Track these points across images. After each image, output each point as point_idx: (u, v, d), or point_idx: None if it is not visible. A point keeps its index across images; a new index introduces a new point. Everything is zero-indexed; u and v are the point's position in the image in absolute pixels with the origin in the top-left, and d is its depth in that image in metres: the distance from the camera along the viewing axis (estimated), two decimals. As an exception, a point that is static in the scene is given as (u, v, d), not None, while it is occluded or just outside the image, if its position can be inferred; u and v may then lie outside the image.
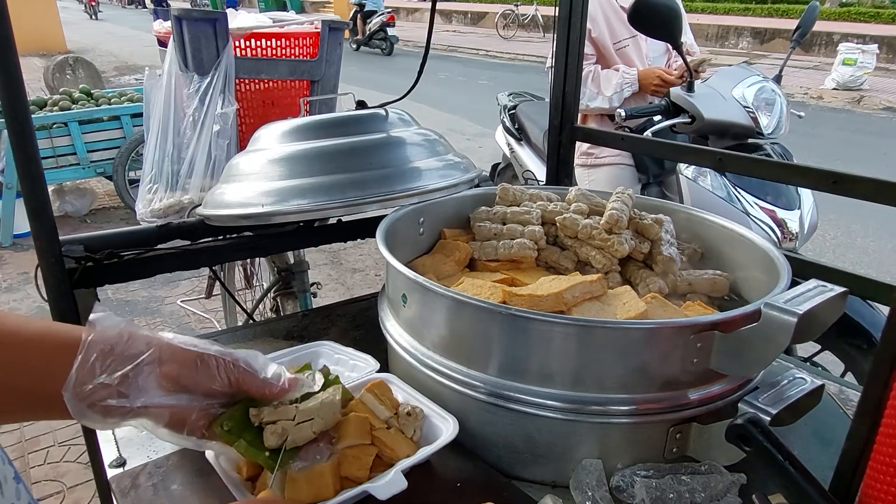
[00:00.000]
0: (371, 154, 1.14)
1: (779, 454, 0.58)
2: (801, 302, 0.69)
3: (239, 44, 1.84)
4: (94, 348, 0.58)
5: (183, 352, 0.62)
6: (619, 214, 1.03)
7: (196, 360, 0.62)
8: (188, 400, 0.62)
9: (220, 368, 0.63)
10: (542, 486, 0.81)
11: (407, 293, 0.88)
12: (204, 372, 0.62)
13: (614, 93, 2.41)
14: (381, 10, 15.20)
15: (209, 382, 0.62)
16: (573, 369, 0.77)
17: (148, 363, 0.60)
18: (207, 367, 0.62)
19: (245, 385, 0.64)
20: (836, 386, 1.05)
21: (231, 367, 0.63)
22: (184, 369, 0.61)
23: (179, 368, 0.61)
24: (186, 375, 0.61)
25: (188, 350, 0.62)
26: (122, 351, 0.59)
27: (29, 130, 0.88)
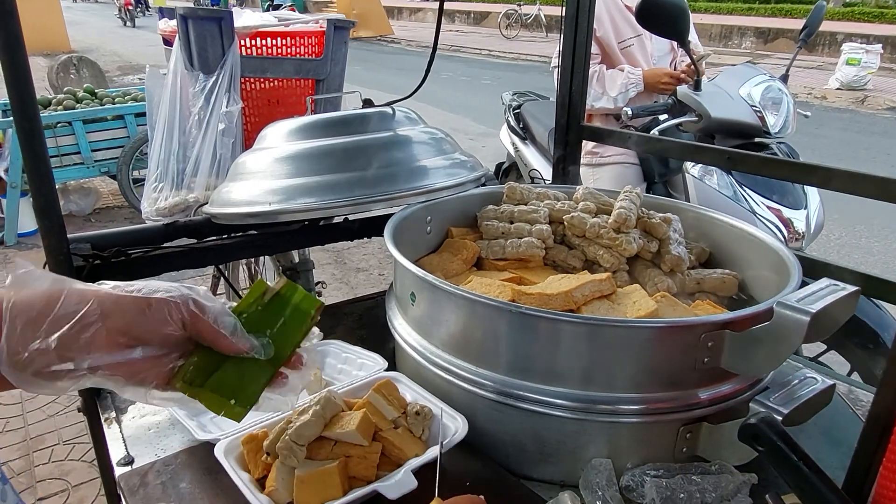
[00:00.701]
0: (378, 152, 1.14)
1: (793, 454, 0.57)
2: (814, 301, 0.69)
3: (244, 42, 1.84)
4: (22, 312, 0.52)
5: (127, 300, 0.55)
6: (627, 213, 1.03)
7: (143, 306, 0.55)
8: (142, 352, 0.56)
9: (172, 312, 0.56)
10: (551, 486, 0.81)
11: (416, 291, 0.88)
12: (153, 318, 0.55)
13: (619, 93, 2.40)
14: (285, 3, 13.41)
15: (161, 328, 0.56)
16: (583, 368, 0.76)
17: (87, 319, 0.53)
18: (156, 312, 0.55)
19: (198, 328, 0.57)
20: (845, 386, 1.04)
21: (182, 308, 0.56)
22: (130, 318, 0.54)
23: (125, 318, 0.54)
24: (135, 325, 0.55)
25: (132, 297, 0.55)
26: (55, 311, 0.52)
27: (38, 129, 0.88)
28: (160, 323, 0.56)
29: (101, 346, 0.53)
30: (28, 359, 0.51)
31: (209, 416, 0.91)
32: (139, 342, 0.56)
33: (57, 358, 0.52)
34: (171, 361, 0.58)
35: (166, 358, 0.58)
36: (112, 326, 0.54)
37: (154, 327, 0.56)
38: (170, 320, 0.56)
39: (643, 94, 2.47)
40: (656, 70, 2.42)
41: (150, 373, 0.57)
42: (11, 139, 4.23)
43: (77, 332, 0.52)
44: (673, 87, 2.33)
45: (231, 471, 0.73)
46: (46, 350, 0.51)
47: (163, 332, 0.56)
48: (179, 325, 0.56)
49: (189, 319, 0.57)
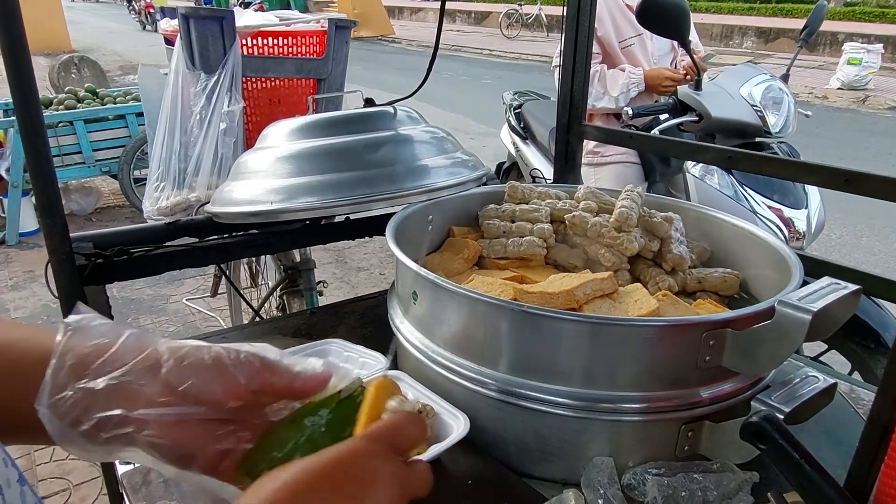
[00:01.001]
0: (379, 152, 1.14)
1: (795, 452, 0.57)
2: (815, 300, 0.69)
3: (246, 42, 1.84)
4: (72, 350, 0.46)
5: (188, 352, 0.48)
6: (628, 212, 1.03)
7: (204, 355, 0.48)
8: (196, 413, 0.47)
9: (239, 367, 0.48)
10: (552, 484, 0.81)
11: (417, 290, 0.88)
12: (216, 372, 0.48)
13: (620, 93, 2.40)
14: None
15: (224, 387, 0.48)
16: (585, 367, 0.76)
17: (142, 366, 0.47)
18: (220, 365, 0.48)
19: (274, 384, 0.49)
20: (846, 385, 1.04)
21: (251, 362, 0.49)
22: (190, 373, 0.47)
23: (184, 372, 0.47)
24: (194, 380, 0.47)
25: (194, 346, 0.49)
26: (110, 353, 0.47)
27: (41, 129, 0.89)
28: (223, 380, 0.48)
29: (153, 399, 0.47)
30: (70, 398, 0.45)
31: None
32: (196, 402, 0.48)
33: (103, 403, 0.45)
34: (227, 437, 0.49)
35: (222, 431, 0.49)
36: (168, 381, 0.47)
37: (214, 386, 0.48)
38: (235, 376, 0.48)
39: (644, 93, 2.48)
40: (657, 71, 2.42)
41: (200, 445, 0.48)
42: (13, 139, 4.24)
43: (131, 378, 0.46)
44: (672, 89, 2.33)
45: (233, 469, 0.73)
46: (92, 392, 0.45)
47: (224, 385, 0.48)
48: (244, 381, 0.48)
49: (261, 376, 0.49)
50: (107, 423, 0.45)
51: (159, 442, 0.46)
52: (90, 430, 0.45)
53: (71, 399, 0.45)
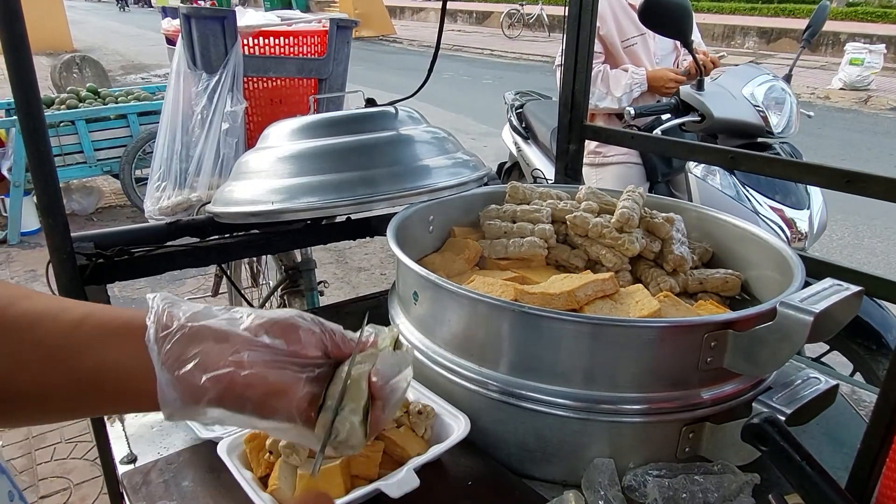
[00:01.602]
0: (381, 152, 1.14)
1: (796, 454, 0.57)
2: (817, 301, 0.69)
3: (247, 42, 1.84)
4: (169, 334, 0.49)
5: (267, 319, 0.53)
6: (630, 213, 1.03)
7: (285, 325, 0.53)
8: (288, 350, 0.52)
9: (311, 332, 0.53)
10: (553, 485, 0.81)
11: (418, 291, 0.88)
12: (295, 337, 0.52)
13: (624, 93, 2.40)
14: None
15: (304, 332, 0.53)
16: (585, 368, 0.76)
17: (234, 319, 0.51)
18: (298, 330, 0.53)
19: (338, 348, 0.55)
20: (848, 386, 1.04)
21: (321, 328, 0.55)
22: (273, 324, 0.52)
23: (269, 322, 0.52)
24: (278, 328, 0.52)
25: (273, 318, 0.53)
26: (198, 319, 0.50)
27: (42, 128, 0.89)
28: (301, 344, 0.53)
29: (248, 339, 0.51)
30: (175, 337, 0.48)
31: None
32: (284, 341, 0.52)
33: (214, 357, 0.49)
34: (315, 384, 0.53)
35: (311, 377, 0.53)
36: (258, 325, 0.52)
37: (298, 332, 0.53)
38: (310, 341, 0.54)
39: (646, 93, 2.47)
40: (660, 72, 2.41)
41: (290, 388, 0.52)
42: (15, 138, 4.24)
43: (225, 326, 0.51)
44: (676, 89, 2.33)
45: (234, 469, 0.73)
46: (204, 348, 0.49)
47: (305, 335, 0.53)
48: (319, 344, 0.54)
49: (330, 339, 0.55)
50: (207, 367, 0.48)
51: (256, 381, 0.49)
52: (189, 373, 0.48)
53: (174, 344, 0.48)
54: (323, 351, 0.55)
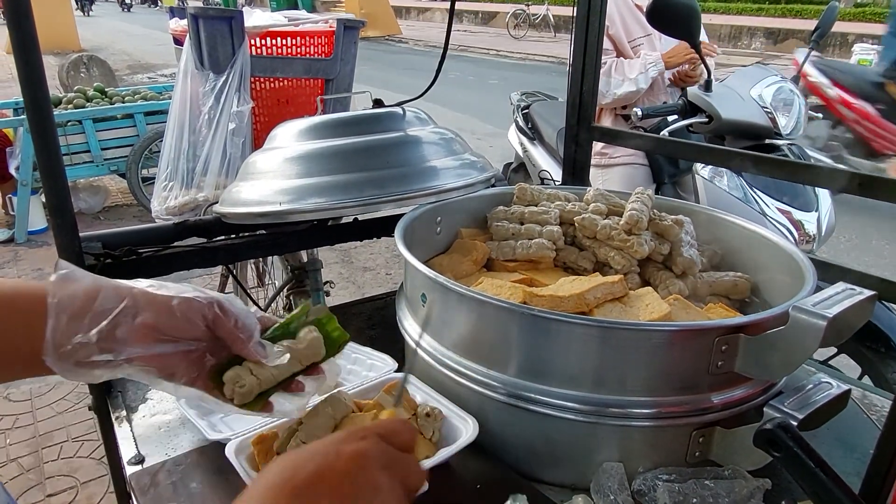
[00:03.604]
0: (388, 153, 1.14)
1: (810, 460, 0.57)
2: (831, 305, 0.68)
3: (254, 42, 1.85)
4: (65, 308, 0.57)
5: (158, 299, 0.60)
6: (639, 215, 1.02)
7: (171, 305, 0.60)
8: (172, 347, 0.61)
9: (198, 312, 0.61)
10: (561, 489, 0.80)
11: (427, 293, 0.88)
12: (182, 316, 0.60)
13: (640, 73, 2.36)
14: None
15: (188, 326, 0.61)
16: (595, 371, 0.76)
17: (124, 315, 0.58)
18: (184, 311, 0.61)
19: (219, 329, 0.62)
20: (859, 391, 1.03)
21: (207, 309, 0.62)
22: (161, 317, 0.60)
23: (156, 317, 0.59)
24: (164, 323, 0.60)
25: (163, 296, 0.61)
26: (95, 307, 0.58)
27: (51, 128, 0.89)
28: (187, 321, 0.61)
29: (136, 339, 0.59)
30: (71, 350, 0.56)
31: (219, 416, 0.91)
32: (169, 338, 0.61)
33: (97, 350, 0.57)
34: (200, 359, 0.63)
35: (195, 355, 0.63)
36: (145, 322, 0.59)
37: (182, 325, 0.61)
38: (196, 320, 0.61)
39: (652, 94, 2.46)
40: (674, 48, 2.39)
41: (179, 368, 0.62)
42: (22, 137, 4.26)
43: (114, 326, 0.58)
44: (694, 61, 2.30)
45: (242, 471, 0.72)
46: (88, 343, 0.56)
47: (190, 330, 0.61)
48: (202, 322, 0.62)
49: (213, 321, 0.62)
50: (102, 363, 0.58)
51: (146, 367, 0.61)
52: (89, 365, 0.58)
53: (71, 350, 0.57)
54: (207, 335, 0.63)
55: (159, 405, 0.97)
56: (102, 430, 1.05)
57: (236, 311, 0.64)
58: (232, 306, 0.64)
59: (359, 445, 0.46)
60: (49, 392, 2.83)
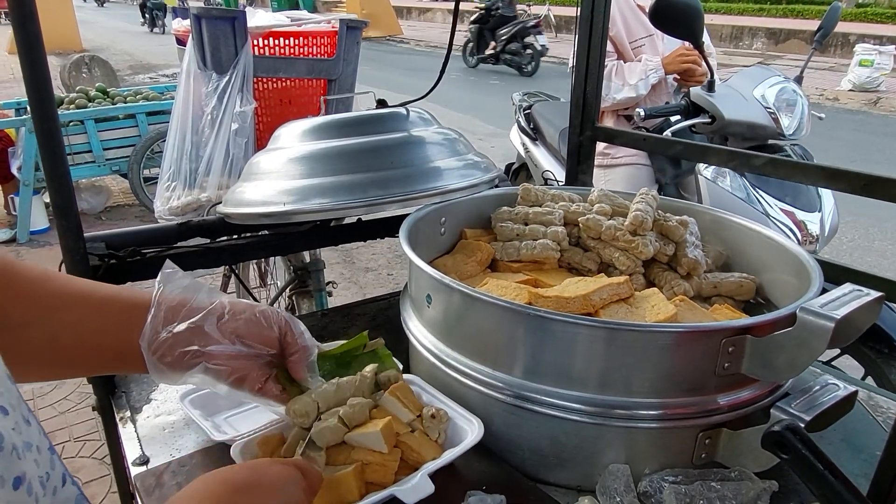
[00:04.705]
0: (392, 153, 1.13)
1: (819, 462, 0.56)
2: (838, 307, 0.68)
3: (257, 42, 1.84)
4: (165, 303, 0.65)
5: (241, 305, 0.70)
6: (643, 216, 1.02)
7: (253, 311, 0.70)
8: (248, 351, 0.69)
9: (272, 318, 0.71)
10: (567, 490, 0.80)
11: (432, 293, 0.87)
12: (259, 321, 0.70)
13: (640, 79, 2.36)
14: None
15: (266, 334, 0.70)
16: (601, 372, 0.75)
17: (214, 315, 0.67)
18: (262, 316, 0.70)
19: (286, 337, 0.72)
20: (865, 392, 1.03)
21: (279, 317, 0.72)
22: (242, 322, 0.68)
23: (238, 322, 0.68)
24: (245, 328, 0.69)
25: (246, 303, 0.70)
26: (190, 304, 0.66)
27: (56, 129, 0.89)
28: (267, 328, 0.70)
29: (218, 338, 0.67)
30: (164, 340, 0.64)
31: (223, 417, 0.91)
32: (248, 340, 0.69)
33: (184, 341, 0.65)
34: (267, 368, 0.72)
35: (264, 361, 0.72)
36: (227, 325, 0.68)
37: (261, 331, 0.70)
38: (271, 324, 0.71)
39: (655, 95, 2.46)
40: (672, 53, 2.38)
41: (251, 372, 0.71)
42: (24, 138, 4.26)
43: (202, 321, 0.66)
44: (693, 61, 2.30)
45: (247, 472, 0.72)
46: (178, 334, 0.65)
47: (266, 338, 0.70)
48: (277, 329, 0.71)
49: (283, 329, 0.72)
50: (185, 354, 0.65)
51: (221, 368, 0.68)
52: (173, 361, 0.65)
53: (162, 339, 0.64)
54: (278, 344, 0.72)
55: (163, 406, 0.97)
56: (106, 430, 1.05)
57: (302, 326, 0.73)
58: (297, 323, 0.73)
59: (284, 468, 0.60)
60: (51, 392, 2.83)
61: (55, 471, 0.52)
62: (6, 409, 0.45)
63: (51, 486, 0.53)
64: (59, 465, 0.53)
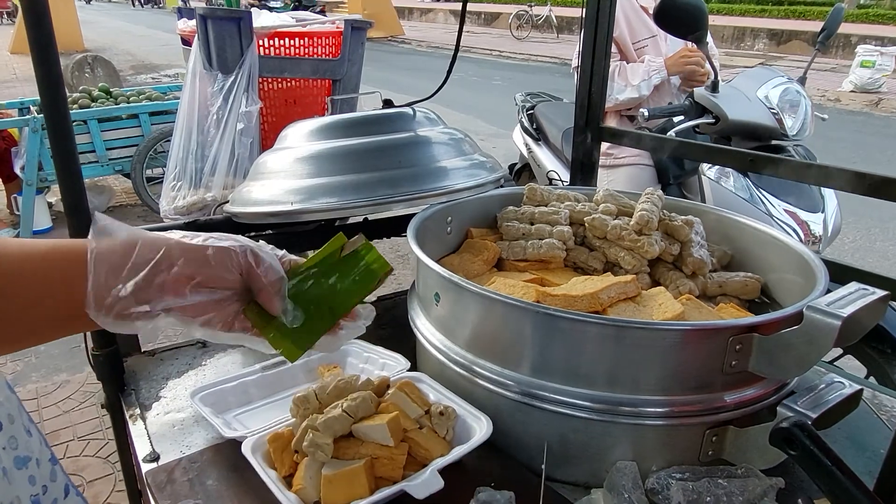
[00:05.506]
0: (399, 153, 1.14)
1: (826, 459, 0.57)
2: (844, 305, 0.69)
3: (263, 43, 1.86)
4: (104, 261, 0.57)
5: (192, 248, 0.61)
6: (649, 216, 1.03)
7: (206, 253, 0.61)
8: (207, 296, 0.61)
9: (231, 259, 0.62)
10: (575, 487, 0.81)
11: (440, 292, 0.88)
12: (216, 264, 0.61)
13: (642, 80, 2.37)
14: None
15: (223, 273, 0.62)
16: (609, 370, 0.76)
17: (161, 267, 0.59)
18: (218, 258, 0.61)
19: (251, 277, 0.63)
20: (869, 391, 1.03)
21: (240, 256, 0.63)
22: (196, 265, 0.60)
23: (191, 265, 0.60)
24: (200, 270, 0.60)
25: (197, 245, 0.61)
26: (133, 258, 0.58)
27: (68, 128, 0.90)
28: (222, 269, 0.61)
29: (172, 289, 0.59)
30: (111, 303, 0.57)
31: (233, 415, 0.92)
32: (205, 286, 0.61)
33: (135, 302, 0.58)
34: (235, 305, 0.64)
35: (229, 301, 0.63)
36: (180, 272, 0.59)
37: (217, 272, 0.61)
38: (230, 266, 0.62)
39: (657, 96, 2.46)
40: (675, 53, 2.39)
41: (216, 314, 0.63)
42: (28, 137, 4.27)
43: (151, 277, 0.58)
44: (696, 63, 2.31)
45: (259, 468, 0.73)
46: (126, 296, 0.57)
47: (224, 277, 0.62)
48: (237, 271, 0.62)
49: (247, 270, 0.63)
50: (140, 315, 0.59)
51: (183, 317, 0.61)
52: (129, 316, 0.58)
53: (110, 302, 0.57)
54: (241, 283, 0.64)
55: (173, 403, 0.98)
56: (115, 428, 1.06)
57: (268, 260, 0.64)
58: (264, 253, 0.64)
59: None
60: (55, 391, 2.84)
61: (56, 482, 0.50)
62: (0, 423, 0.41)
63: (49, 499, 0.52)
64: (60, 476, 0.51)
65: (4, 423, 0.42)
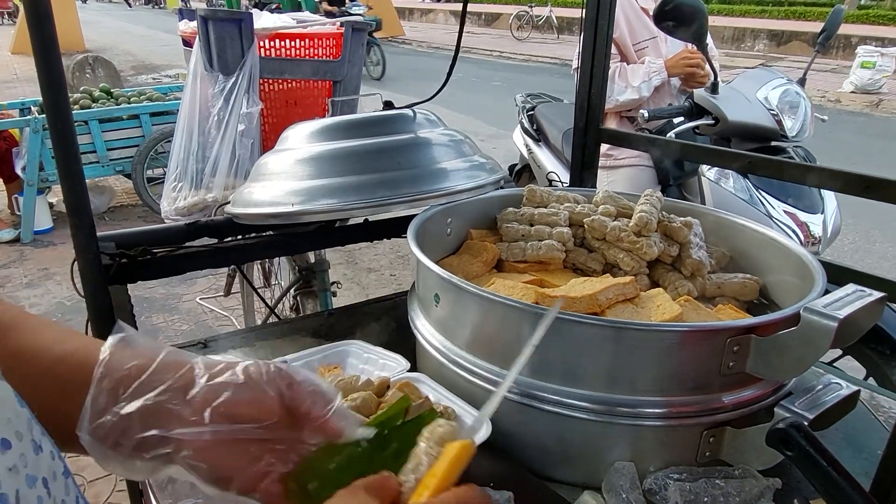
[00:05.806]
0: (399, 154, 1.15)
1: (822, 459, 0.57)
2: (842, 307, 0.69)
3: (263, 44, 1.86)
4: (111, 373, 0.46)
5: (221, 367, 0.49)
6: (648, 217, 1.03)
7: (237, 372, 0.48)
8: (232, 431, 0.47)
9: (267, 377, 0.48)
10: (573, 487, 0.81)
11: (440, 293, 0.89)
12: (249, 386, 0.48)
13: (642, 82, 2.37)
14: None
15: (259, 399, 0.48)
16: (607, 371, 0.77)
17: (178, 386, 0.47)
18: (252, 378, 0.48)
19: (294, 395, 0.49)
20: (867, 392, 1.04)
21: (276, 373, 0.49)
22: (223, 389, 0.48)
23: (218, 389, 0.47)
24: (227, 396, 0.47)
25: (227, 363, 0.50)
26: (147, 374, 0.47)
27: (70, 129, 0.90)
28: (260, 391, 0.48)
29: (190, 420, 0.46)
30: (109, 423, 0.45)
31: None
32: (232, 420, 0.47)
33: (140, 425, 0.46)
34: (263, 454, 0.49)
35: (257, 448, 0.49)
36: (200, 397, 0.47)
37: (250, 396, 0.48)
38: (268, 390, 0.48)
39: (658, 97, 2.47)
40: (675, 55, 2.40)
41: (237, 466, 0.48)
42: (28, 137, 4.28)
43: (166, 399, 0.46)
44: (696, 64, 2.31)
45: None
46: (128, 414, 0.45)
47: (259, 407, 0.48)
48: (276, 391, 0.48)
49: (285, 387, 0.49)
50: (145, 443, 0.46)
51: (196, 464, 0.47)
52: (131, 451, 0.46)
53: (109, 424, 0.45)
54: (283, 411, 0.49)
55: (174, 403, 0.98)
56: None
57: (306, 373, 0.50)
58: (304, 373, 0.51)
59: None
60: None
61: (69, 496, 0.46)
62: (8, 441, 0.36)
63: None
64: (73, 490, 0.45)
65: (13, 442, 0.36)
